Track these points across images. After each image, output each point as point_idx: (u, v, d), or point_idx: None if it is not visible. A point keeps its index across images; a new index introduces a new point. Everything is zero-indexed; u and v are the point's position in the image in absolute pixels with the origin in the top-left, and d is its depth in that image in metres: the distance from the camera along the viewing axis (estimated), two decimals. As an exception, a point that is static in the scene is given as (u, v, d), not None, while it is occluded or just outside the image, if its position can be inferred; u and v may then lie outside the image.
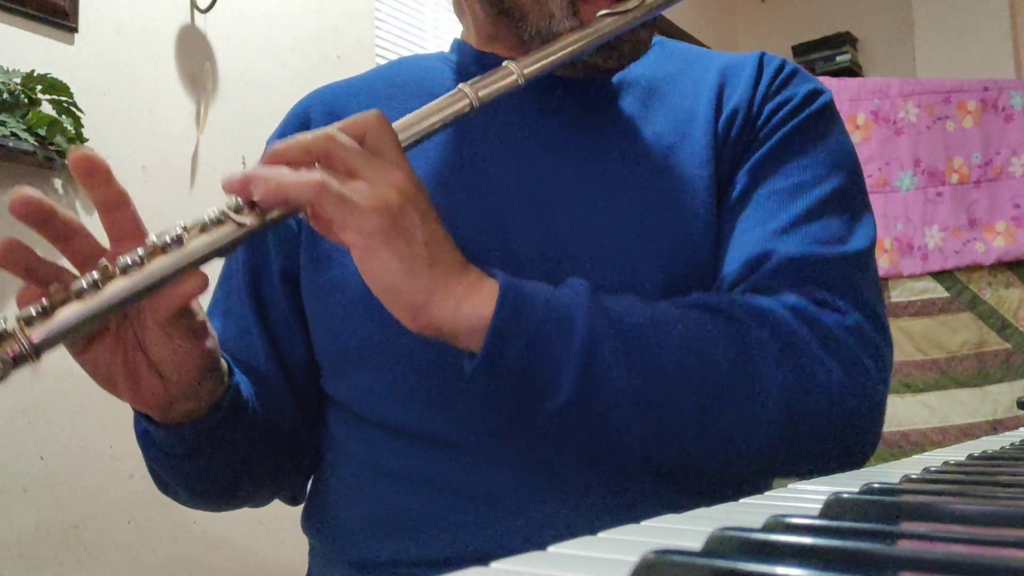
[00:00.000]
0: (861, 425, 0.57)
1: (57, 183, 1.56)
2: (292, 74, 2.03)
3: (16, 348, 0.44)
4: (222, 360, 0.58)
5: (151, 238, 0.48)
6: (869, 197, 0.67)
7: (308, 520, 0.71)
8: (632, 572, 0.21)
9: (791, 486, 0.39)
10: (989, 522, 0.27)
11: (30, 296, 0.46)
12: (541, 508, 0.58)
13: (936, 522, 0.28)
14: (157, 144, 1.74)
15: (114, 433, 1.56)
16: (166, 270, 0.47)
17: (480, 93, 0.56)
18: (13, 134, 1.42)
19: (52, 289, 0.46)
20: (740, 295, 0.58)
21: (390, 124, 0.52)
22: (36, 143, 1.46)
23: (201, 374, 0.54)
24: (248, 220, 0.49)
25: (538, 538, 0.25)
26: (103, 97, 1.65)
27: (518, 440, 0.59)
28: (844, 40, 3.58)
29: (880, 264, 2.20)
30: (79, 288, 0.46)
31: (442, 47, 0.75)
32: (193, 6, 1.85)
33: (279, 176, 0.48)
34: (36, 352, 0.45)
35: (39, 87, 1.50)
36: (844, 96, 2.28)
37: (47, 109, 1.52)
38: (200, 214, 0.49)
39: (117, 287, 0.46)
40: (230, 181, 0.49)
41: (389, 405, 0.62)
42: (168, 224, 0.48)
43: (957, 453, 0.54)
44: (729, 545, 0.24)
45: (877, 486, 0.35)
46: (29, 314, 0.45)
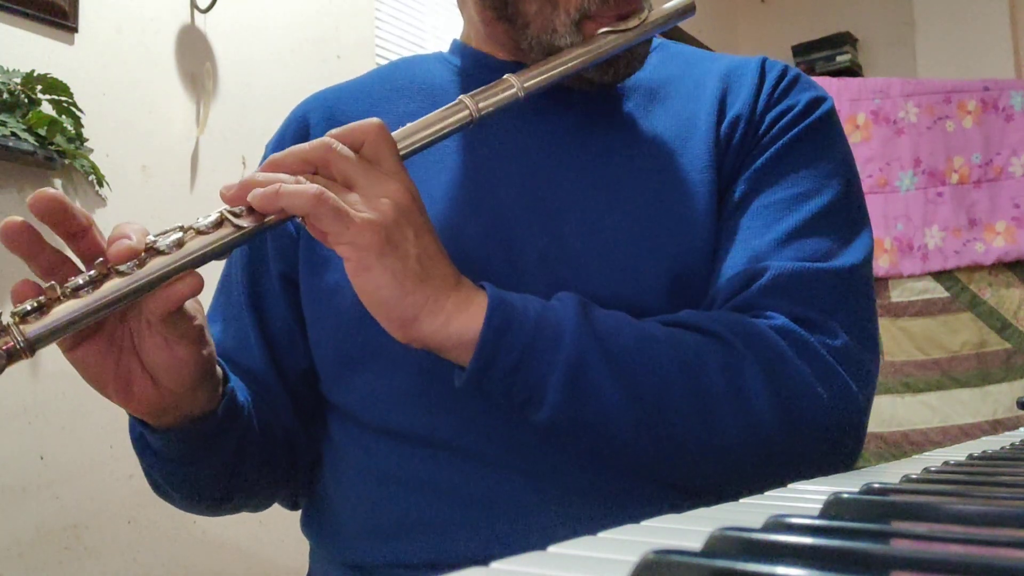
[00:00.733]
0: (842, 444, 0.58)
1: (57, 183, 1.56)
2: (292, 74, 2.03)
3: (10, 343, 0.44)
4: (218, 367, 0.58)
5: (149, 238, 0.48)
6: (866, 207, 0.67)
7: (308, 522, 0.70)
8: (632, 572, 0.21)
9: (791, 486, 0.39)
10: (989, 522, 0.27)
11: (26, 292, 0.46)
12: (543, 511, 0.58)
13: (936, 522, 0.28)
14: (157, 144, 1.74)
15: (114, 433, 1.56)
16: (162, 270, 0.47)
17: (480, 105, 0.57)
18: (13, 134, 1.42)
19: (48, 286, 0.46)
20: (731, 313, 0.58)
21: (389, 133, 0.52)
22: (36, 143, 1.46)
23: (196, 380, 0.54)
24: (246, 223, 0.49)
25: (540, 541, 0.25)
26: (103, 97, 1.65)
27: (519, 444, 0.59)
28: (844, 40, 3.58)
29: (880, 264, 2.20)
30: (75, 285, 0.46)
31: (442, 47, 0.75)
32: (193, 6, 1.85)
33: (277, 185, 0.48)
34: (31, 347, 0.45)
35: (39, 87, 1.50)
36: (844, 96, 2.28)
37: (47, 109, 1.52)
38: (199, 216, 0.49)
39: (113, 286, 0.46)
40: (228, 189, 0.49)
41: (389, 409, 0.62)
42: (168, 224, 0.48)
43: (957, 453, 0.54)
44: (729, 545, 0.24)
45: (877, 486, 0.35)
46: (24, 310, 0.45)
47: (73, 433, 1.53)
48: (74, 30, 1.62)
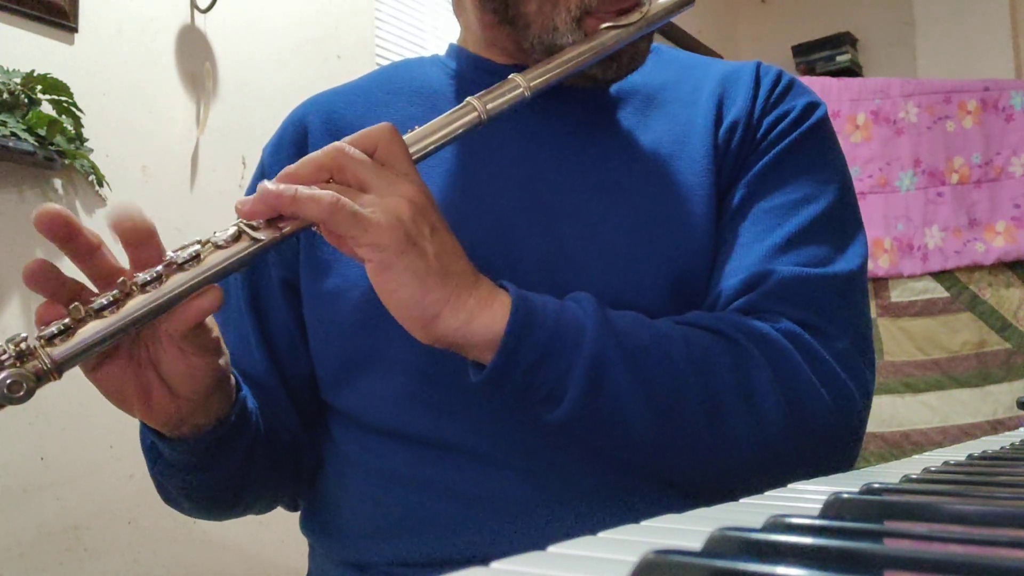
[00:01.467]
0: (842, 445, 0.60)
1: (57, 183, 1.56)
2: (292, 74, 2.03)
3: (38, 366, 0.45)
4: (231, 375, 0.59)
5: (168, 255, 0.49)
6: (860, 210, 0.69)
7: (308, 521, 0.71)
8: (632, 572, 0.21)
9: (791, 486, 0.39)
10: (989, 522, 0.27)
11: (49, 314, 0.47)
12: (545, 512, 0.58)
13: (936, 522, 0.28)
14: (157, 144, 1.74)
15: (114, 434, 1.56)
16: (184, 286, 0.48)
17: (488, 106, 0.57)
18: (13, 134, 1.42)
19: (72, 307, 0.46)
20: (737, 315, 0.59)
21: (401, 137, 0.53)
22: (36, 143, 1.46)
23: (212, 390, 0.55)
24: (263, 235, 0.49)
25: (541, 542, 0.25)
26: (103, 97, 1.65)
27: (522, 444, 0.59)
28: (844, 40, 3.57)
29: (880, 264, 2.20)
30: (99, 305, 0.47)
31: (442, 47, 0.76)
32: (193, 6, 1.85)
33: (293, 189, 0.48)
34: (58, 369, 0.46)
35: (39, 87, 1.50)
36: (844, 96, 2.28)
37: (47, 109, 1.52)
38: (216, 230, 0.50)
39: (136, 304, 0.47)
40: (244, 204, 0.50)
41: (391, 412, 0.63)
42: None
43: (957, 453, 0.54)
44: (729, 545, 0.24)
45: (877, 486, 0.35)
46: (51, 332, 0.46)
47: (73, 434, 1.53)
48: (74, 30, 1.62)
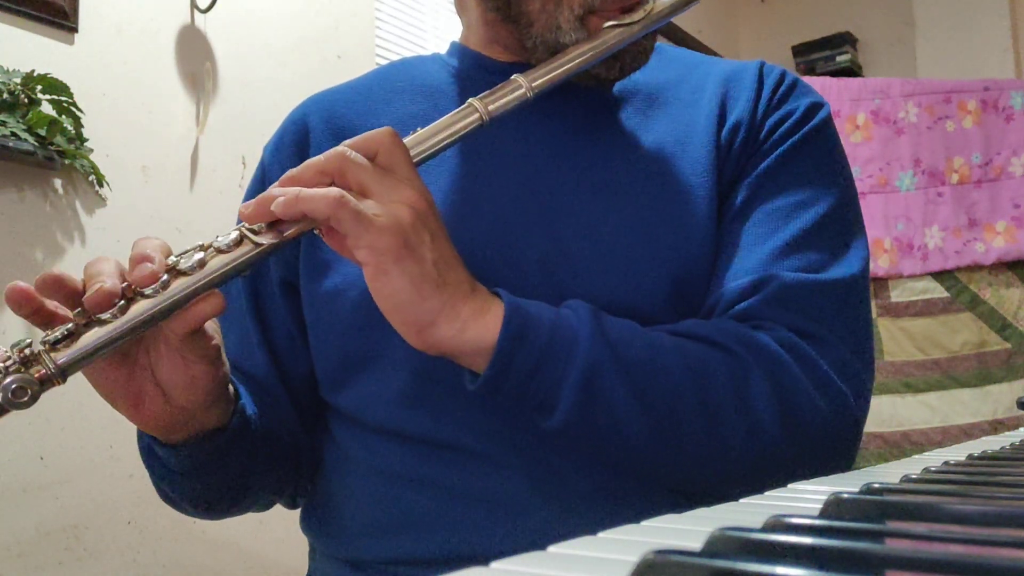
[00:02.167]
0: (838, 452, 0.60)
1: (57, 183, 1.56)
2: (292, 74, 2.03)
3: (43, 371, 0.46)
4: (231, 385, 0.59)
5: (171, 259, 0.49)
6: (861, 212, 0.68)
7: (308, 520, 0.71)
8: (632, 572, 0.21)
9: (791, 486, 0.39)
10: (989, 522, 0.27)
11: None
12: (544, 511, 0.58)
13: (935, 522, 0.28)
14: (157, 144, 1.74)
15: (114, 433, 1.56)
16: (186, 291, 0.48)
17: (490, 107, 0.57)
18: (13, 134, 1.42)
19: (76, 312, 0.47)
20: (735, 323, 0.59)
21: (402, 141, 0.53)
22: (36, 143, 1.45)
23: (211, 399, 0.55)
24: (265, 240, 0.50)
25: (541, 541, 0.25)
26: (103, 97, 1.65)
27: (522, 444, 0.59)
28: (844, 40, 3.57)
29: (880, 264, 2.20)
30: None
31: (442, 47, 0.76)
32: (193, 6, 1.85)
33: (296, 191, 0.49)
34: (62, 374, 0.46)
35: (39, 87, 1.50)
36: (844, 96, 2.28)
37: (47, 109, 1.52)
38: (218, 234, 0.50)
39: (139, 308, 0.48)
40: (247, 207, 0.50)
41: (391, 411, 0.63)
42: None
43: (957, 453, 0.54)
44: (729, 545, 0.24)
45: (877, 486, 0.35)
46: (55, 337, 0.46)
47: (73, 433, 1.53)
48: (74, 30, 1.62)
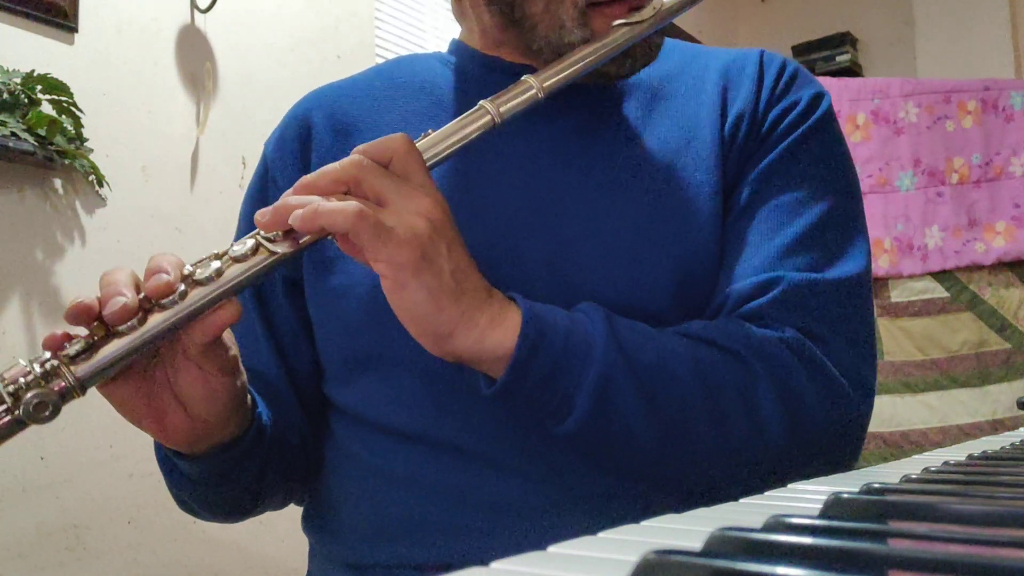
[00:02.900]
0: (842, 453, 0.61)
1: (57, 183, 1.56)
2: (292, 74, 2.03)
3: (63, 384, 0.46)
4: (248, 395, 0.59)
5: (187, 268, 0.49)
6: (863, 206, 0.68)
7: (309, 521, 0.71)
8: (632, 572, 0.21)
9: (791, 486, 0.39)
10: (989, 522, 0.27)
11: (55, 342, 0.48)
12: (546, 514, 0.58)
13: (936, 522, 0.28)
14: (157, 144, 1.74)
15: (114, 433, 1.56)
16: (203, 300, 0.48)
17: (501, 109, 0.56)
18: (13, 134, 1.42)
19: (94, 325, 0.47)
20: (742, 323, 0.59)
21: (416, 147, 0.53)
22: (36, 143, 1.45)
23: (230, 410, 0.55)
24: (281, 248, 0.50)
25: (542, 545, 0.25)
26: (103, 97, 1.65)
27: (525, 447, 0.59)
28: (844, 40, 3.57)
29: (880, 264, 2.20)
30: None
31: (442, 47, 0.75)
32: (193, 6, 1.84)
33: (314, 204, 0.48)
34: (82, 387, 0.46)
35: (39, 87, 1.50)
36: (844, 96, 2.28)
37: (47, 109, 1.51)
38: (233, 243, 0.51)
39: (157, 320, 0.48)
40: (264, 215, 0.50)
41: (395, 410, 0.63)
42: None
43: (957, 453, 0.54)
44: (729, 545, 0.24)
45: (877, 486, 0.35)
46: (75, 350, 0.47)
47: (73, 433, 1.53)
48: (74, 30, 1.62)
